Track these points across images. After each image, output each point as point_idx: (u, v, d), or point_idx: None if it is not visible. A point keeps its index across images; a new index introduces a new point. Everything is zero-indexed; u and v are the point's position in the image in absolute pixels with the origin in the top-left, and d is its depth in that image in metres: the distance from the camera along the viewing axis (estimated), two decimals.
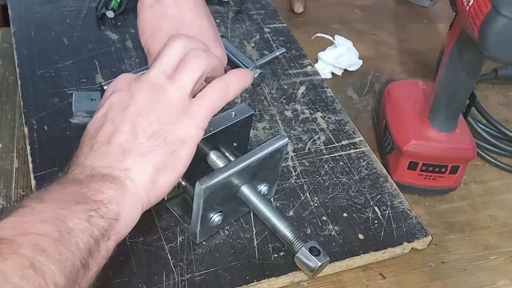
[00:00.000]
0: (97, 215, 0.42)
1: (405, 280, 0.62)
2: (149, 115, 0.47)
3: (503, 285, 0.63)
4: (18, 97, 0.74)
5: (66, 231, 0.39)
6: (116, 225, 0.43)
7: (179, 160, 0.48)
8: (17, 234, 0.37)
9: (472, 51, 0.61)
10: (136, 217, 0.46)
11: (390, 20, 1.05)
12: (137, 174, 0.46)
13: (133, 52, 0.81)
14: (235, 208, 0.60)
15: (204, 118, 0.49)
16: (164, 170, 0.47)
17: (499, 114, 0.85)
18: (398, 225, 0.64)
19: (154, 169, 0.47)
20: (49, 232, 0.38)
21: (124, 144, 0.46)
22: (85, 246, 0.40)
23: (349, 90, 0.87)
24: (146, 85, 0.48)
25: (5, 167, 0.67)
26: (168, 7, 0.57)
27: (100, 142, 0.47)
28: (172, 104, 0.48)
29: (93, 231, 0.41)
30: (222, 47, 0.61)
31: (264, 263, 0.58)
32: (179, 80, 0.49)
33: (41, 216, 0.39)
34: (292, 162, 0.69)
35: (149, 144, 0.46)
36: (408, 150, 0.68)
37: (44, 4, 0.87)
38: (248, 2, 0.95)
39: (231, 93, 0.51)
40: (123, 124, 0.47)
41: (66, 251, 0.38)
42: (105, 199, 0.43)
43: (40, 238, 0.38)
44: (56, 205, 0.41)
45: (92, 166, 0.45)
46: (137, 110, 0.47)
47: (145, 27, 0.58)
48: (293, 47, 0.87)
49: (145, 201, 0.47)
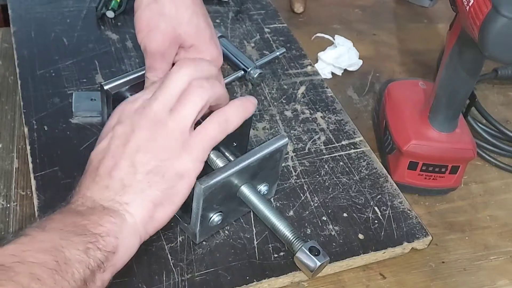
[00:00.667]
0: (94, 247, 0.43)
1: (405, 280, 0.62)
2: (148, 152, 0.49)
3: (503, 285, 0.63)
4: (18, 97, 0.74)
5: (63, 261, 0.41)
6: (113, 257, 0.45)
7: (176, 195, 0.50)
8: (16, 262, 0.39)
9: (472, 51, 0.61)
10: (134, 249, 0.48)
11: (390, 20, 1.05)
12: (136, 209, 0.48)
13: (133, 52, 0.81)
14: (235, 208, 0.60)
15: (203, 151, 0.50)
16: (162, 205, 0.49)
17: (499, 114, 0.85)
18: (398, 225, 0.64)
19: (152, 204, 0.48)
20: (47, 261, 0.40)
21: (124, 179, 0.48)
22: (80, 277, 0.41)
23: (349, 90, 0.87)
24: (147, 121, 0.50)
25: (5, 167, 0.67)
26: (165, 6, 0.57)
27: (101, 175, 0.48)
28: (172, 139, 0.49)
29: (89, 263, 0.42)
30: (217, 46, 0.61)
31: (264, 263, 0.58)
32: (180, 113, 0.50)
33: (40, 246, 0.41)
34: (292, 162, 0.69)
35: (148, 180, 0.48)
36: (408, 150, 0.68)
37: (44, 4, 0.87)
38: (248, 2, 0.95)
39: (231, 126, 0.52)
40: (123, 159, 0.49)
41: (62, 281, 0.40)
42: (104, 232, 0.45)
43: (37, 268, 0.39)
44: (56, 235, 0.43)
45: (93, 198, 0.47)
46: (137, 146, 0.49)
47: (142, 26, 0.58)
48: (293, 47, 0.87)
49: (143, 234, 0.49)
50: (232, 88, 0.78)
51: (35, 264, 0.39)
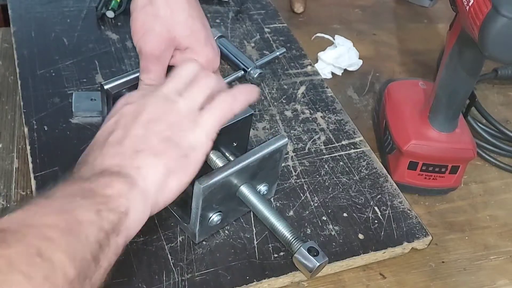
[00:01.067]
0: (106, 209, 0.41)
1: (405, 280, 0.62)
2: (161, 123, 0.48)
3: (503, 285, 0.63)
4: (18, 97, 0.74)
5: (75, 223, 0.38)
6: (126, 220, 0.42)
7: (189, 165, 0.48)
8: (23, 225, 0.37)
9: (472, 51, 0.61)
10: (145, 216, 0.45)
11: (390, 20, 1.05)
12: (148, 173, 0.45)
13: (133, 52, 0.81)
14: (235, 208, 0.60)
15: (213, 128, 0.50)
16: (175, 172, 0.47)
17: (499, 114, 0.85)
18: (398, 225, 0.64)
19: (166, 169, 0.46)
20: (57, 223, 0.38)
21: (137, 145, 0.46)
22: (95, 239, 0.39)
23: (349, 90, 0.87)
24: (158, 98, 0.50)
25: (5, 167, 0.67)
26: (160, 9, 0.57)
27: (111, 143, 0.47)
28: (183, 115, 0.49)
29: (102, 225, 0.40)
30: (214, 48, 0.61)
31: (264, 263, 0.58)
32: (190, 95, 0.51)
33: (49, 210, 0.39)
34: (292, 162, 0.69)
35: (162, 145, 0.47)
36: (408, 150, 0.68)
37: (45, 4, 0.87)
38: (248, 2, 0.95)
39: (238, 105, 0.52)
40: (135, 129, 0.47)
41: (76, 242, 0.37)
42: (114, 193, 0.42)
43: (47, 229, 0.37)
44: (64, 200, 0.40)
45: (101, 165, 0.45)
46: (149, 117, 0.48)
47: (137, 28, 0.58)
48: (293, 47, 0.87)
49: (153, 203, 0.46)
50: None
51: (44, 226, 0.37)
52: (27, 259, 0.34)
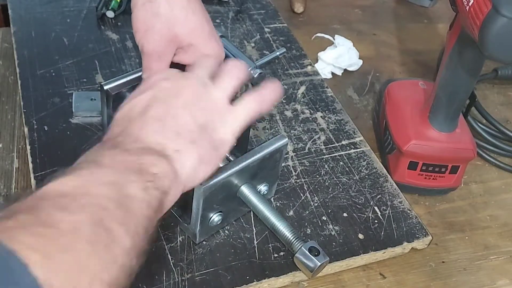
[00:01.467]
0: (152, 186, 0.42)
1: (405, 280, 0.62)
2: (199, 107, 0.49)
3: (503, 285, 0.63)
4: (18, 97, 0.74)
5: (128, 198, 0.39)
6: (166, 200, 0.43)
7: (217, 158, 0.49)
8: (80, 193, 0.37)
9: (472, 51, 0.61)
10: (175, 199, 0.46)
11: (390, 20, 1.05)
12: (185, 158, 0.46)
13: (133, 52, 0.81)
14: (235, 208, 0.60)
15: (240, 124, 0.50)
16: (205, 163, 0.48)
17: (499, 114, 0.85)
18: (398, 225, 0.64)
19: (199, 158, 0.47)
20: (111, 195, 0.38)
21: (178, 126, 0.47)
22: (145, 215, 0.40)
23: (349, 90, 0.87)
24: (194, 82, 0.50)
25: (5, 167, 0.67)
26: (160, 6, 0.57)
27: (153, 118, 0.47)
28: (217, 104, 0.50)
29: (151, 202, 0.41)
30: (218, 41, 0.60)
31: (264, 263, 0.58)
32: (221, 84, 0.51)
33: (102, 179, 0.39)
34: (292, 162, 0.69)
35: (199, 133, 0.48)
36: (408, 150, 0.68)
37: (45, 4, 0.87)
38: (248, 2, 0.95)
39: (265, 106, 0.52)
40: (176, 107, 0.48)
41: (129, 216, 0.38)
42: (160, 172, 0.43)
43: (103, 199, 0.37)
44: (114, 172, 0.41)
45: (145, 139, 0.45)
46: (188, 98, 0.49)
47: (138, 26, 0.58)
48: (293, 47, 0.87)
49: (182, 186, 0.47)
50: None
51: (100, 196, 0.37)
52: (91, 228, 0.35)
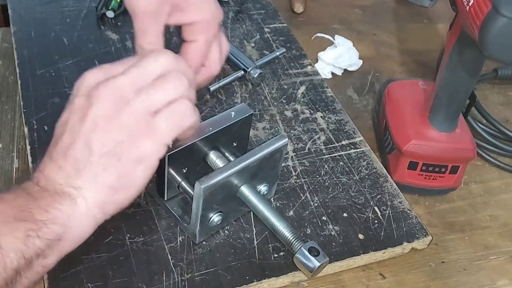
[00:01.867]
0: (35, 235, 0.42)
1: (405, 280, 0.62)
2: (105, 131, 0.45)
3: (503, 285, 0.63)
4: (18, 97, 0.74)
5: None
6: (58, 244, 0.44)
7: (134, 180, 0.47)
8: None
9: (472, 51, 0.61)
10: (88, 232, 0.47)
11: (390, 20, 1.05)
12: (89, 194, 0.45)
13: (133, 52, 0.81)
14: (235, 208, 0.60)
15: (168, 133, 0.47)
16: (118, 190, 0.46)
17: (499, 114, 0.85)
18: (398, 225, 0.64)
19: (108, 188, 0.46)
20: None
21: (79, 161, 0.45)
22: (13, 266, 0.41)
23: (349, 90, 0.87)
24: (109, 94, 0.45)
25: (5, 167, 0.67)
26: None
27: (58, 153, 0.46)
28: (132, 119, 0.45)
29: (26, 251, 0.42)
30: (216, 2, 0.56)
31: (264, 263, 0.58)
32: (150, 96, 0.46)
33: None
34: (292, 162, 0.69)
35: (102, 163, 0.45)
36: (408, 150, 0.68)
37: (45, 4, 0.87)
38: (248, 2, 0.95)
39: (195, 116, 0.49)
40: (78, 137, 0.45)
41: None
42: (49, 219, 0.43)
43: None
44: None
45: (48, 177, 0.46)
46: (94, 123, 0.45)
47: None
48: (293, 47, 0.87)
49: (99, 216, 0.47)
50: (232, 88, 0.78)
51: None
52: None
